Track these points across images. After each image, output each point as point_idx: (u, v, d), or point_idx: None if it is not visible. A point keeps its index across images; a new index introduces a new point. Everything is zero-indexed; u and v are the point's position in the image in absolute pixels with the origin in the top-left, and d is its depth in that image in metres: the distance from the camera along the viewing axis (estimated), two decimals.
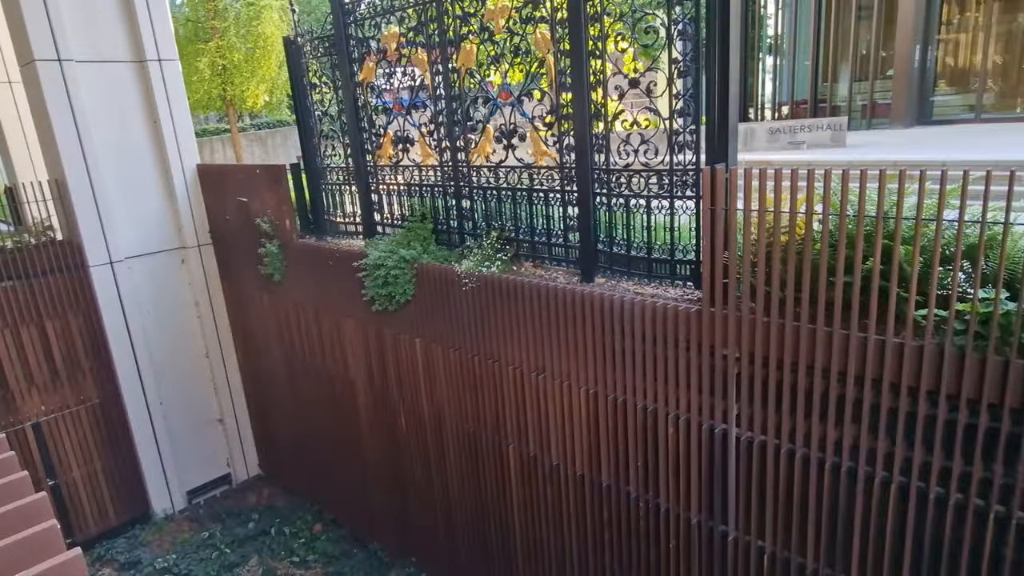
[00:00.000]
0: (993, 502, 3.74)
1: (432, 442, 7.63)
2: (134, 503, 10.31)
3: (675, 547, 5.45)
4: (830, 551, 4.52)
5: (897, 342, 3.89)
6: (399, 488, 8.48)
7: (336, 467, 9.62)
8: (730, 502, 5.00)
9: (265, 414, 11.09)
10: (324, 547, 9.52)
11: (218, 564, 9.20)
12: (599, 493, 5.90)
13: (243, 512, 10.54)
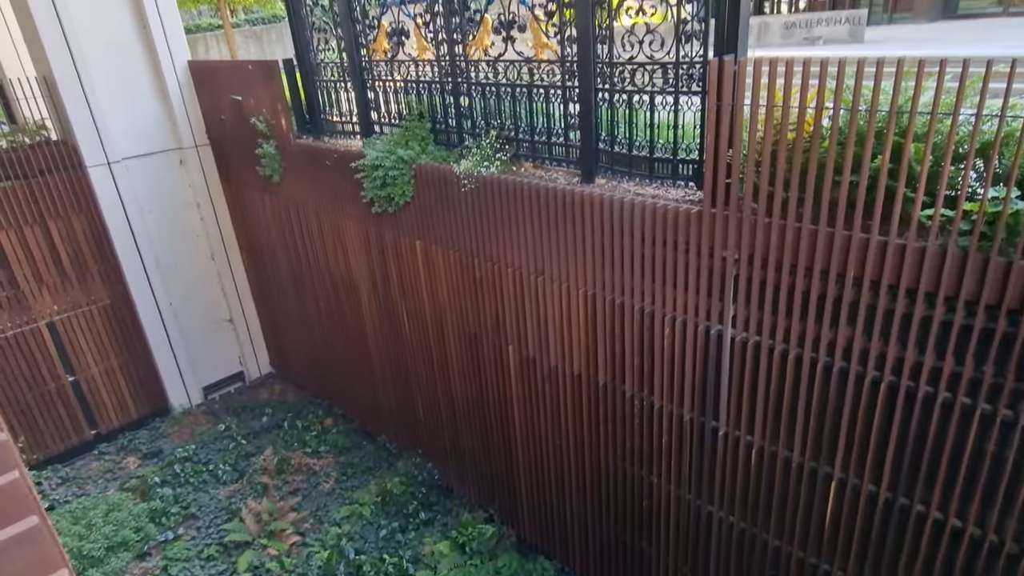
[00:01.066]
0: (980, 401, 3.80)
1: (435, 343, 7.78)
2: (153, 398, 10.76)
3: (668, 442, 5.66)
4: (816, 446, 4.67)
5: (899, 243, 3.81)
6: (404, 386, 8.76)
7: (343, 366, 9.91)
8: (722, 400, 5.13)
9: (273, 315, 11.30)
10: (335, 439, 9.99)
11: (235, 454, 9.71)
12: (596, 392, 6.06)
13: (257, 407, 11.00)
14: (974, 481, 3.97)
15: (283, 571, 7.74)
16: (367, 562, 7.60)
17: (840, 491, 4.64)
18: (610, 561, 6.86)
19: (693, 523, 5.78)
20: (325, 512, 8.64)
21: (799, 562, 5.10)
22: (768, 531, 5.22)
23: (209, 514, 8.68)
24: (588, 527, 6.91)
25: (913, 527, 4.33)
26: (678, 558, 6.09)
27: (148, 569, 7.96)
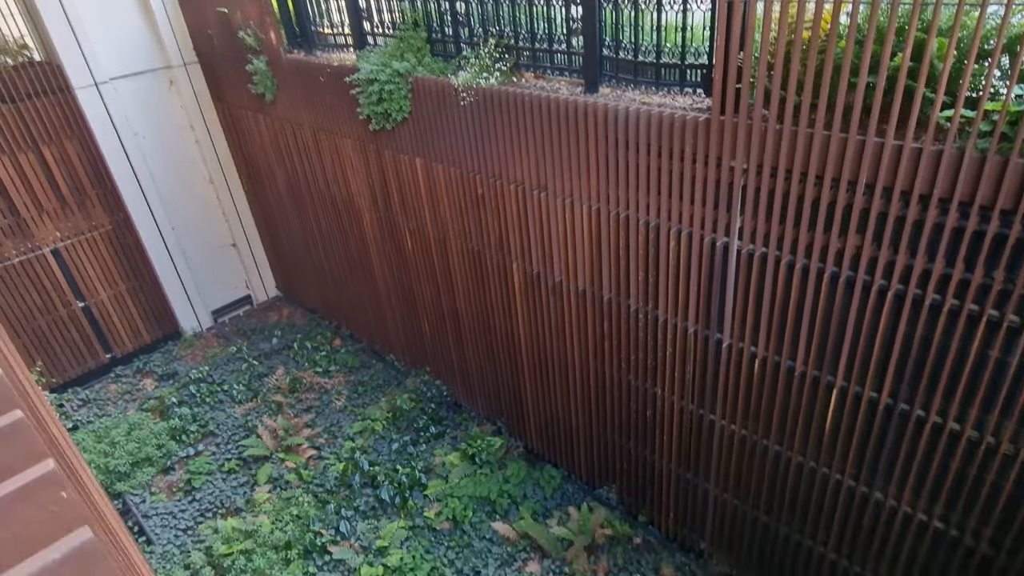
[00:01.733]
0: (988, 307, 3.77)
1: (438, 262, 7.76)
2: (163, 322, 10.91)
3: (672, 354, 5.72)
4: (820, 356, 4.71)
5: (915, 147, 3.67)
6: (410, 305, 8.82)
7: (349, 287, 9.95)
8: (727, 313, 5.13)
9: (276, 238, 11.26)
10: (344, 359, 10.19)
11: (248, 374, 9.94)
12: (600, 306, 6.08)
13: (266, 329, 11.17)
14: (975, 387, 4.01)
15: (301, 482, 8.09)
16: (381, 472, 7.92)
17: (841, 399, 4.72)
18: (614, 468, 7.12)
19: (695, 431, 5.94)
20: (338, 428, 8.93)
21: (798, 466, 5.27)
22: (768, 438, 5.36)
23: (227, 431, 8.99)
24: (593, 437, 7.13)
25: (912, 431, 4.42)
26: (680, 464, 6.30)
27: (173, 482, 8.33)
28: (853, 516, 5.06)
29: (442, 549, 7.09)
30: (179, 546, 7.47)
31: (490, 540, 7.15)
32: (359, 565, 6.97)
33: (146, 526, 7.69)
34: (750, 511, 5.88)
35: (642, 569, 6.67)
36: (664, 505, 6.76)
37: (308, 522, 7.44)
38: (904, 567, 4.92)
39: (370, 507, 7.66)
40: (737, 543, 6.19)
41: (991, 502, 4.23)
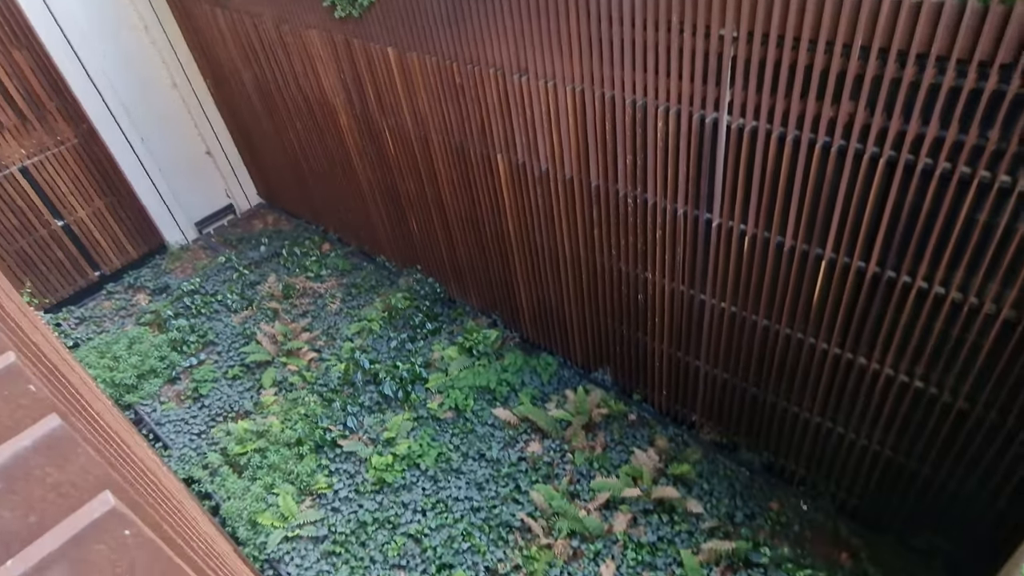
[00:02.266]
0: (980, 168, 3.72)
1: (421, 158, 7.55)
2: (148, 237, 10.76)
3: (662, 237, 5.71)
4: (809, 229, 4.70)
5: (914, 1, 3.46)
6: (396, 206, 8.68)
7: (333, 191, 9.74)
8: (716, 191, 5.07)
9: (251, 143, 10.87)
10: (335, 263, 10.17)
11: (240, 283, 9.95)
12: (588, 193, 5.98)
13: (253, 238, 11.05)
14: (961, 250, 4.04)
15: (305, 383, 8.32)
16: (382, 369, 8.14)
17: (830, 271, 4.77)
18: (608, 352, 7.33)
19: (686, 312, 6.05)
20: (336, 330, 9.07)
21: (786, 338, 5.42)
22: (758, 313, 5.47)
23: (226, 340, 9.12)
24: (586, 324, 7.28)
25: (898, 298, 4.51)
26: (672, 344, 6.48)
27: (180, 391, 8.55)
28: (837, 381, 5.28)
29: (447, 436, 7.43)
30: (195, 449, 7.79)
31: (492, 425, 7.48)
32: (369, 455, 7.32)
33: (160, 433, 7.98)
34: (739, 383, 6.12)
35: (637, 442, 7.04)
36: (657, 383, 7.02)
37: (316, 420, 7.73)
38: (884, 425, 5.20)
39: (374, 403, 7.94)
40: (727, 413, 6.50)
41: (970, 360, 4.40)
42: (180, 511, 1.96)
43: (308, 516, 6.86)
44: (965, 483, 4.94)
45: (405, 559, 6.47)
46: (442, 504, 6.80)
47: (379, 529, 6.71)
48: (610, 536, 6.30)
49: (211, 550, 1.83)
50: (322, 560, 6.56)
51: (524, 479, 6.89)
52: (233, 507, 6.95)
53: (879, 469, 5.49)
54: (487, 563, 6.28)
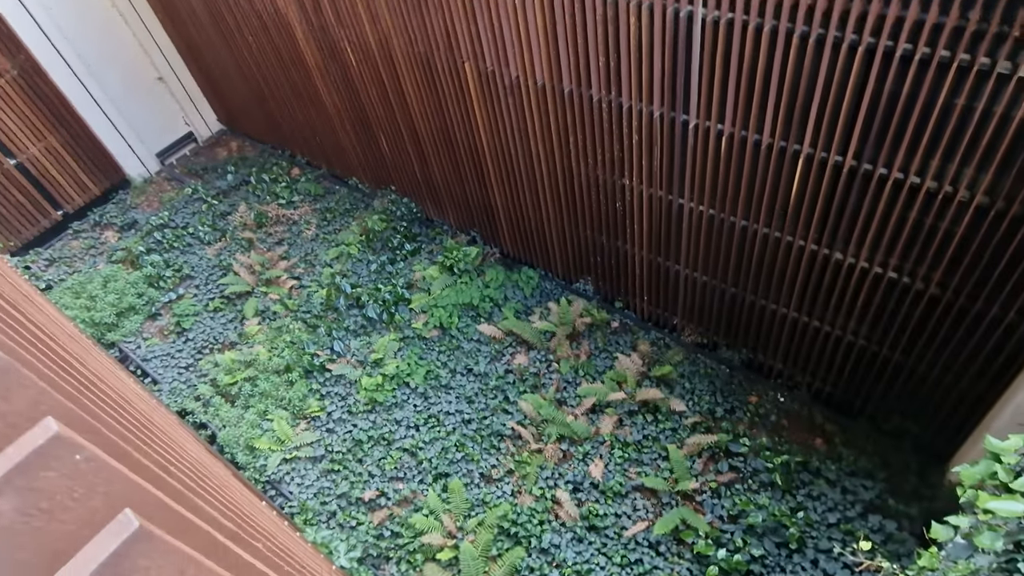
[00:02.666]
0: (959, 52, 3.63)
1: (386, 73, 7.19)
2: (107, 172, 10.34)
3: (638, 142, 5.59)
4: (786, 125, 4.62)
5: None
6: (364, 126, 8.36)
7: (296, 113, 9.33)
8: (692, 91, 4.92)
9: (207, 67, 10.27)
10: (306, 187, 9.91)
11: (211, 214, 9.70)
12: (562, 100, 5.79)
13: (218, 166, 10.67)
14: (938, 138, 4.01)
15: (288, 311, 8.30)
16: (364, 293, 8.12)
17: (807, 166, 4.73)
18: (589, 262, 7.35)
19: (665, 217, 6.03)
20: (314, 256, 8.96)
21: (764, 237, 5.45)
22: (736, 214, 5.47)
23: (203, 272, 8.99)
24: (566, 235, 7.25)
25: (873, 190, 4.51)
26: (651, 250, 6.51)
27: (162, 326, 8.51)
28: (813, 277, 5.37)
29: (434, 354, 7.54)
30: (184, 382, 7.85)
31: (478, 341, 7.58)
32: (359, 377, 7.43)
33: (147, 369, 8.00)
34: (718, 285, 6.20)
35: (620, 348, 7.20)
36: (638, 290, 7.10)
37: (303, 346, 7.77)
38: (858, 316, 5.35)
39: (359, 326, 7.97)
40: (706, 315, 6.63)
41: (942, 248, 4.47)
42: (160, 439, 1.98)
43: (304, 438, 7.04)
44: (933, 367, 5.16)
45: (402, 471, 6.72)
46: (434, 419, 6.99)
47: (375, 446, 6.92)
48: (597, 437, 6.56)
49: (199, 474, 1.86)
50: (322, 478, 6.79)
51: (512, 390, 7.07)
52: (229, 435, 7.10)
53: (852, 358, 5.70)
54: (481, 470, 6.54)
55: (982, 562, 2.36)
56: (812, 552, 5.48)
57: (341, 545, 5.96)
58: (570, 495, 6.21)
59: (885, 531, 5.44)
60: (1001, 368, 4.71)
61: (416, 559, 6.07)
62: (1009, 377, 4.71)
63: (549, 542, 5.96)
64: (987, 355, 4.73)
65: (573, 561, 5.82)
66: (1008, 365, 4.66)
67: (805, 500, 5.78)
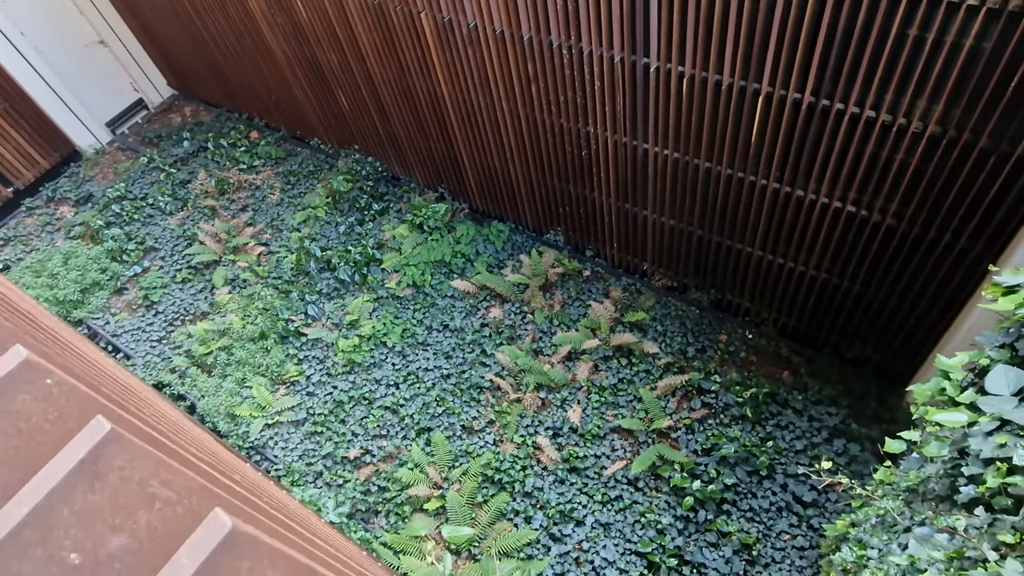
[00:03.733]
0: None
1: (338, 24, 6.96)
2: (56, 144, 9.95)
3: (600, 88, 5.56)
4: (746, 64, 4.63)
5: None
6: (321, 82, 8.13)
7: (249, 72, 9.01)
8: (652, 32, 4.88)
9: (150, 27, 9.80)
10: (266, 151, 9.67)
11: (169, 183, 9.44)
12: (522, 48, 5.69)
13: (173, 133, 10.32)
14: (892, 70, 4.07)
15: (258, 278, 8.22)
16: (334, 255, 8.06)
17: (767, 105, 4.77)
18: (558, 212, 7.38)
19: (631, 163, 6.05)
20: (280, 221, 8.83)
21: (727, 178, 5.52)
22: (699, 156, 5.51)
23: (167, 244, 8.81)
24: (534, 186, 7.24)
25: (832, 125, 4.58)
26: (619, 197, 6.55)
27: (130, 301, 8.37)
28: (776, 215, 5.48)
29: (409, 312, 7.57)
30: (158, 355, 7.78)
31: (452, 297, 7.62)
32: (335, 340, 7.45)
33: (119, 344, 7.90)
34: (685, 228, 6.30)
35: (593, 295, 7.32)
36: (607, 237, 7.17)
37: (276, 312, 7.73)
38: (819, 251, 5.50)
39: (332, 289, 7.94)
40: (675, 258, 6.75)
41: (897, 180, 4.59)
42: (129, 390, 1.98)
43: (284, 403, 7.08)
44: (890, 295, 5.36)
45: (385, 429, 6.83)
46: (413, 376, 7.08)
47: (356, 406, 7.00)
48: (574, 384, 6.72)
49: (169, 422, 1.87)
50: (305, 440, 6.87)
51: (489, 343, 7.17)
52: (209, 404, 7.10)
53: (815, 292, 5.88)
54: (462, 422, 6.68)
55: (931, 470, 2.53)
56: (781, 477, 5.77)
57: (329, 502, 6.09)
58: (550, 440, 6.39)
59: (849, 453, 5.74)
60: (953, 293, 4.92)
61: (404, 510, 6.24)
62: (961, 301, 4.93)
63: (532, 485, 6.16)
64: (940, 281, 4.93)
65: (556, 502, 6.04)
66: (960, 290, 4.86)
67: (774, 430, 6.04)
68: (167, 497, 0.69)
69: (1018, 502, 1.79)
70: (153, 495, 0.69)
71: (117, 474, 0.68)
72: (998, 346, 2.46)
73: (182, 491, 0.71)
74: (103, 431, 0.79)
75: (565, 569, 5.73)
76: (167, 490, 0.69)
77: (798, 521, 5.59)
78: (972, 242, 4.55)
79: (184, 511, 0.69)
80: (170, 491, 0.69)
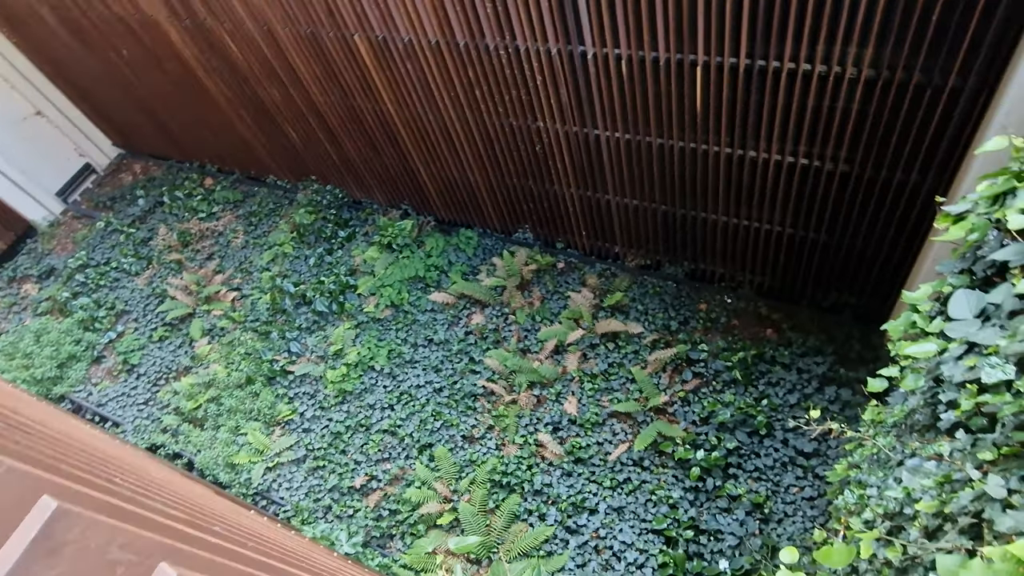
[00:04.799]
0: None
1: (274, 59, 6.92)
2: (9, 222, 9.77)
3: (542, 82, 5.60)
4: (679, 36, 4.70)
5: None
6: (267, 117, 8.07)
7: (192, 119, 8.93)
8: (583, 19, 4.93)
9: (85, 90, 9.66)
10: (223, 196, 9.57)
11: (131, 244, 9.31)
12: (459, 54, 5.71)
13: (126, 192, 10.18)
14: (819, 21, 4.15)
15: (235, 324, 8.14)
16: (308, 288, 8.01)
17: (706, 74, 4.84)
18: (522, 210, 7.41)
19: (584, 150, 6.10)
20: (249, 263, 8.75)
21: (680, 151, 5.59)
22: (650, 133, 5.58)
23: (138, 304, 8.69)
24: (494, 188, 7.26)
25: (771, 84, 4.66)
26: (579, 185, 6.59)
27: (109, 368, 8.24)
28: (734, 178, 5.56)
29: (392, 333, 7.55)
30: (147, 417, 7.68)
31: (432, 311, 7.62)
32: (323, 372, 7.41)
33: (105, 413, 7.78)
34: (649, 205, 6.36)
35: (570, 286, 7.36)
36: (575, 227, 7.22)
37: (259, 355, 7.67)
38: (780, 207, 5.59)
39: (311, 322, 7.89)
40: (644, 237, 6.81)
41: (842, 127, 4.69)
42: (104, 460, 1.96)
43: (282, 443, 7.02)
44: (855, 239, 5.47)
45: (386, 452, 6.80)
46: (406, 395, 7.06)
47: (354, 434, 6.97)
48: (566, 376, 6.76)
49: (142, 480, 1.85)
50: (309, 477, 6.82)
51: (475, 350, 7.18)
52: (206, 457, 7.02)
53: (784, 247, 5.98)
54: (462, 432, 6.68)
55: (913, 403, 2.60)
56: (781, 433, 5.86)
57: (342, 534, 6.05)
58: (551, 435, 6.42)
59: (841, 399, 5.85)
60: (913, 229, 5.04)
61: (418, 529, 6.23)
62: (922, 236, 5.04)
63: (541, 483, 6.18)
64: (899, 219, 5.05)
65: (567, 495, 6.07)
66: (918, 225, 4.98)
67: (766, 388, 6.13)
68: (128, 560, 0.69)
69: (992, 420, 1.85)
70: (114, 561, 0.69)
71: (72, 547, 0.69)
72: (957, 272, 2.53)
73: (142, 552, 0.71)
74: (50, 509, 0.79)
75: (586, 559, 5.76)
76: (127, 553, 0.69)
77: (803, 473, 5.68)
78: (922, 176, 4.66)
79: (145, 571, 0.69)
80: (130, 554, 0.70)
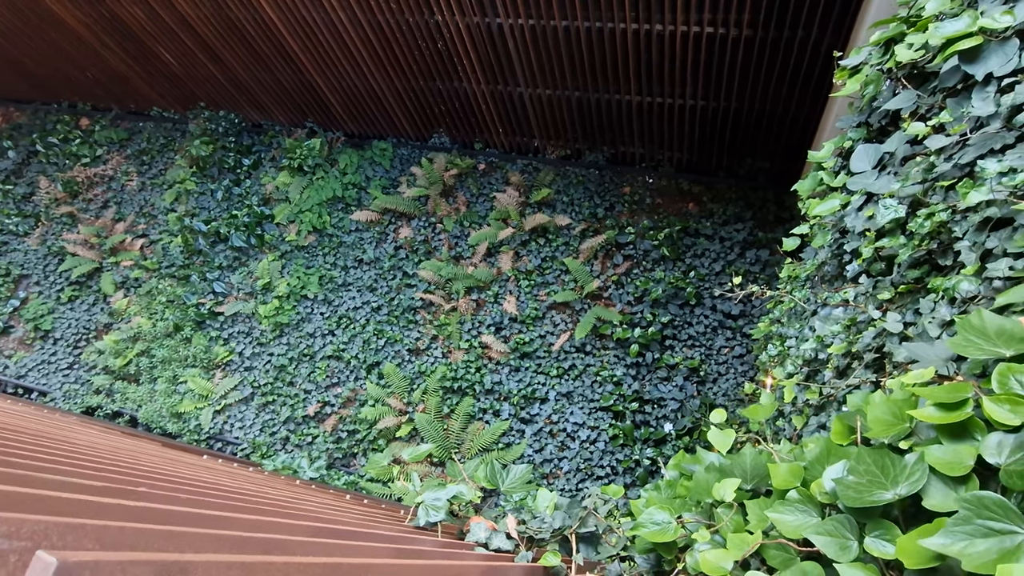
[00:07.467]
0: None
1: None
2: None
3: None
4: None
5: None
6: (134, 43, 7.24)
7: (47, 49, 7.91)
8: None
9: None
10: (105, 136, 8.73)
11: (11, 202, 8.44)
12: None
13: None
14: None
15: (150, 272, 7.70)
16: (221, 224, 7.60)
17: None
18: (435, 114, 7.11)
19: (489, 42, 5.81)
20: (151, 206, 8.17)
21: (587, 31, 5.41)
22: (554, 17, 5.34)
23: (36, 267, 8.06)
24: (401, 94, 6.90)
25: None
26: (489, 80, 6.33)
27: (21, 338, 7.74)
28: (643, 55, 5.46)
29: (319, 259, 7.34)
30: (75, 381, 7.35)
31: (357, 230, 7.41)
32: (254, 309, 7.20)
33: (29, 384, 7.39)
34: (562, 93, 6.21)
35: (495, 187, 7.27)
36: (491, 125, 7.02)
37: (182, 300, 7.34)
38: (691, 80, 5.58)
39: (232, 259, 7.55)
40: (562, 127, 6.71)
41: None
42: None
43: (226, 385, 6.91)
44: (764, 103, 5.56)
45: (335, 377, 6.81)
46: (345, 319, 6.99)
47: (299, 365, 6.91)
48: (501, 277, 6.82)
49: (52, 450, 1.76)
50: (261, 413, 6.79)
51: (408, 264, 7.10)
52: (148, 411, 6.85)
53: (697, 120, 6.04)
54: (407, 346, 6.74)
55: (823, 256, 2.76)
56: (709, 301, 6.19)
57: (303, 461, 6.14)
58: (495, 336, 6.56)
59: (761, 260, 6.18)
60: (816, 88, 5.16)
61: (379, 444, 6.39)
62: (825, 95, 5.17)
63: (491, 382, 6.38)
64: (803, 79, 5.14)
65: (517, 389, 6.31)
66: (821, 84, 5.09)
67: (693, 260, 6.39)
68: (19, 547, 0.65)
69: (890, 262, 1.99)
70: (4, 551, 0.65)
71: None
72: (855, 126, 2.62)
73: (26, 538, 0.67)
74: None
75: (543, 444, 6.10)
76: (15, 541, 0.65)
77: (732, 334, 6.07)
78: (821, 33, 4.71)
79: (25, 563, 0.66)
80: (19, 540, 0.66)
